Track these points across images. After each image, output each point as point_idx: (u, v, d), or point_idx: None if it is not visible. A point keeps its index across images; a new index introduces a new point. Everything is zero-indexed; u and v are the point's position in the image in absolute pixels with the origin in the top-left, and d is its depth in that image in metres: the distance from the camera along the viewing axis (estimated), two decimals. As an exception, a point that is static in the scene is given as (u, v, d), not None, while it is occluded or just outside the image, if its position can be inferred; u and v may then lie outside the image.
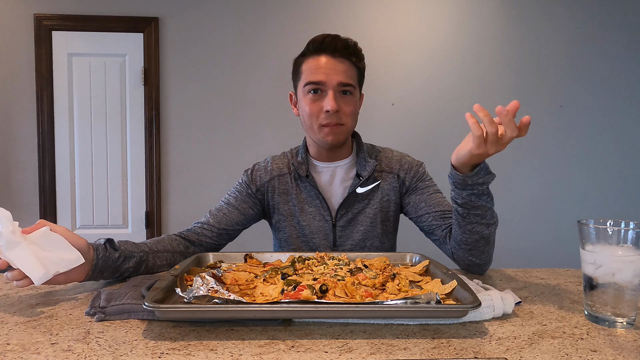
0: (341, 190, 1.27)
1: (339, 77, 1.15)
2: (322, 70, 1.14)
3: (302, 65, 1.20)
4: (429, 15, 3.08)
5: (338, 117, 1.16)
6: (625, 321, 0.71)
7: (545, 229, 3.14)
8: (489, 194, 0.98)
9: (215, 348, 0.62)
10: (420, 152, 3.09)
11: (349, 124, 1.19)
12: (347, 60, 1.17)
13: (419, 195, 1.25)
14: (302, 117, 1.22)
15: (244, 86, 3.04)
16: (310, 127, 1.20)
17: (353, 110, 1.19)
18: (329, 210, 1.24)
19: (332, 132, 1.17)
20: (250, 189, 1.28)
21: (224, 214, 1.24)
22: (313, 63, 1.16)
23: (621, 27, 3.13)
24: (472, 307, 0.67)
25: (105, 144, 3.03)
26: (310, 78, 1.16)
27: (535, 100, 3.12)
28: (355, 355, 0.60)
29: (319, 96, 1.16)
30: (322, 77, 1.14)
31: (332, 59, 1.15)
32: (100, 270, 0.90)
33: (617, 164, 3.19)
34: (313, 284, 0.74)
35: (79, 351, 0.61)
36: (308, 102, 1.17)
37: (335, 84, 1.14)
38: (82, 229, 3.03)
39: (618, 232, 0.71)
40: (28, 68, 2.93)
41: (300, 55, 1.21)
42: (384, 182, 1.27)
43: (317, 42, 1.16)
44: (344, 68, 1.16)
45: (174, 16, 2.99)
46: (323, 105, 1.15)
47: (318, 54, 1.16)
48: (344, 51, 1.16)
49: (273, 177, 1.28)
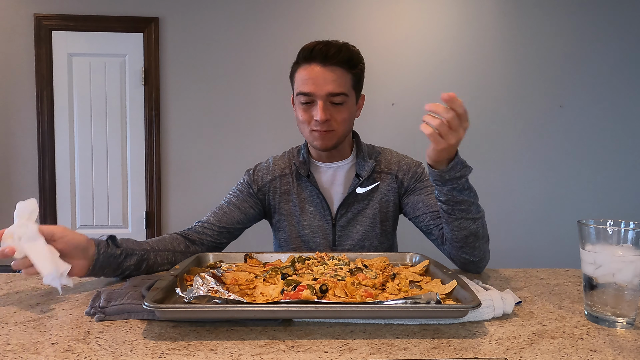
0: (341, 190, 1.27)
1: (329, 87, 1.13)
2: (312, 81, 1.14)
3: (295, 74, 1.20)
4: (429, 15, 3.08)
5: (328, 125, 1.16)
6: (625, 321, 0.71)
7: (545, 229, 3.14)
8: (469, 189, 1.00)
9: (215, 348, 0.62)
10: (420, 152, 3.08)
11: (340, 130, 1.19)
12: (338, 67, 1.15)
13: (417, 196, 1.26)
14: (297, 123, 1.24)
15: (244, 86, 3.04)
16: (303, 131, 1.22)
17: (346, 117, 1.18)
18: (329, 210, 1.25)
19: (321, 137, 1.18)
20: (251, 188, 1.29)
21: (225, 213, 1.24)
22: (304, 73, 1.16)
23: (621, 27, 3.13)
24: (472, 307, 0.67)
25: (105, 144, 3.03)
26: (300, 88, 1.16)
27: (535, 100, 3.12)
28: (355, 355, 0.60)
29: (309, 106, 1.17)
30: (312, 89, 1.14)
31: (323, 68, 1.14)
32: (101, 266, 0.90)
33: (617, 164, 3.19)
34: (313, 284, 0.74)
35: (79, 351, 0.61)
36: (300, 110, 1.19)
37: (324, 95, 1.14)
38: (82, 229, 3.02)
39: (618, 232, 0.71)
40: (28, 68, 2.93)
41: (294, 62, 1.21)
42: (382, 183, 1.27)
43: (307, 50, 1.15)
44: (335, 77, 1.14)
45: (174, 16, 2.99)
46: (313, 115, 1.16)
47: (309, 62, 1.15)
48: (335, 58, 1.14)
49: (275, 177, 1.29)
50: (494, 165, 3.09)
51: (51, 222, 2.97)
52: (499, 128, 3.10)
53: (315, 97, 1.14)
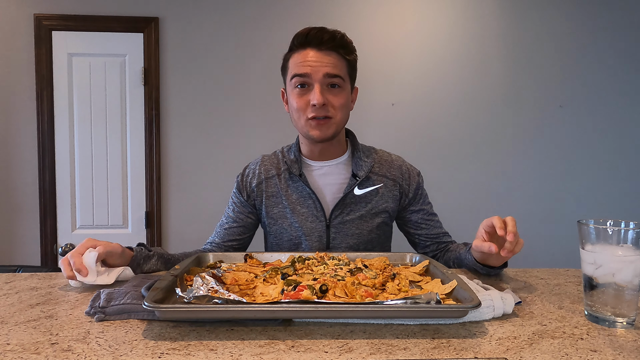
0: (335, 189, 1.23)
1: (326, 69, 1.11)
2: (308, 63, 1.12)
3: (289, 61, 1.17)
4: (429, 15, 3.08)
5: (326, 110, 1.13)
6: (625, 321, 0.71)
7: (545, 229, 3.14)
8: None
9: (215, 348, 0.62)
10: (420, 152, 3.11)
11: (338, 117, 1.15)
12: (334, 52, 1.13)
13: (421, 215, 1.28)
14: (291, 112, 1.20)
15: (244, 86, 3.04)
16: (298, 121, 1.18)
17: (343, 102, 1.15)
18: (323, 210, 1.21)
19: (319, 126, 1.14)
20: (242, 196, 1.28)
21: (226, 230, 1.27)
22: (298, 57, 1.14)
23: (621, 27, 3.13)
24: (472, 307, 0.67)
25: (105, 144, 3.03)
26: (295, 71, 1.13)
27: (535, 100, 3.12)
28: (355, 355, 0.60)
29: (305, 90, 1.13)
30: (308, 70, 1.11)
31: (319, 52, 1.12)
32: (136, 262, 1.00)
33: (617, 164, 3.19)
34: (313, 284, 0.74)
35: (79, 351, 0.61)
36: (295, 96, 1.15)
37: (321, 77, 1.11)
38: (82, 229, 3.03)
39: (618, 232, 0.71)
40: (28, 68, 2.93)
41: (288, 50, 1.19)
42: (384, 188, 1.24)
43: (302, 36, 1.13)
44: (331, 60, 1.12)
45: (174, 16, 2.99)
46: (310, 99, 1.12)
47: (304, 47, 1.13)
48: (330, 43, 1.12)
49: (261, 180, 1.26)
50: (493, 165, 3.08)
51: (51, 222, 2.97)
52: (499, 128, 3.10)
53: (312, 79, 1.12)
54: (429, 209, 1.30)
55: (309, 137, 1.18)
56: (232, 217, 1.27)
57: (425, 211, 1.29)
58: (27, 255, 2.98)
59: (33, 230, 2.98)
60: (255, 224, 1.31)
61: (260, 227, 1.34)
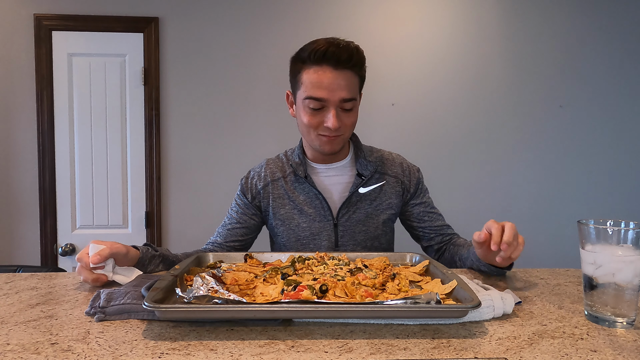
0: (340, 189, 1.26)
1: (342, 93, 1.11)
2: (325, 86, 1.10)
3: (302, 73, 1.14)
4: (429, 15, 3.07)
5: (338, 131, 1.15)
6: (625, 321, 0.71)
7: (545, 229, 3.13)
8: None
9: (215, 348, 0.62)
10: (420, 152, 3.10)
11: (347, 134, 1.20)
12: (349, 70, 1.12)
13: (423, 208, 1.31)
14: (300, 125, 1.20)
15: (245, 86, 3.03)
16: (308, 134, 1.19)
17: (354, 121, 1.19)
18: (330, 210, 1.24)
19: (330, 143, 1.17)
20: (246, 198, 1.29)
21: (228, 230, 1.28)
22: (314, 76, 1.11)
23: (621, 27, 3.13)
24: (472, 307, 0.67)
25: (105, 144, 3.02)
26: (311, 93, 1.11)
27: (535, 100, 3.12)
28: (355, 355, 0.60)
29: (319, 111, 1.13)
30: (325, 94, 1.10)
31: (335, 71, 1.10)
32: (142, 263, 1.01)
33: (617, 164, 3.19)
34: (313, 284, 0.74)
35: (79, 351, 0.61)
36: (307, 115, 1.14)
37: (337, 101, 1.11)
38: (82, 229, 3.02)
39: (618, 232, 0.71)
40: (28, 68, 2.93)
41: (300, 59, 1.15)
42: (387, 185, 1.28)
43: (319, 53, 1.10)
44: (346, 81, 1.11)
45: (174, 16, 2.99)
46: (324, 121, 1.13)
47: (319, 64, 1.11)
48: (348, 63, 1.11)
49: (267, 183, 1.28)
50: (493, 165, 3.08)
51: (51, 222, 2.97)
52: (499, 128, 3.10)
53: (328, 103, 1.11)
54: (430, 202, 1.35)
55: (319, 150, 1.21)
56: (236, 219, 1.28)
57: (427, 204, 1.33)
58: (27, 255, 2.98)
59: (33, 230, 2.98)
60: (259, 226, 1.32)
61: (266, 228, 1.35)
